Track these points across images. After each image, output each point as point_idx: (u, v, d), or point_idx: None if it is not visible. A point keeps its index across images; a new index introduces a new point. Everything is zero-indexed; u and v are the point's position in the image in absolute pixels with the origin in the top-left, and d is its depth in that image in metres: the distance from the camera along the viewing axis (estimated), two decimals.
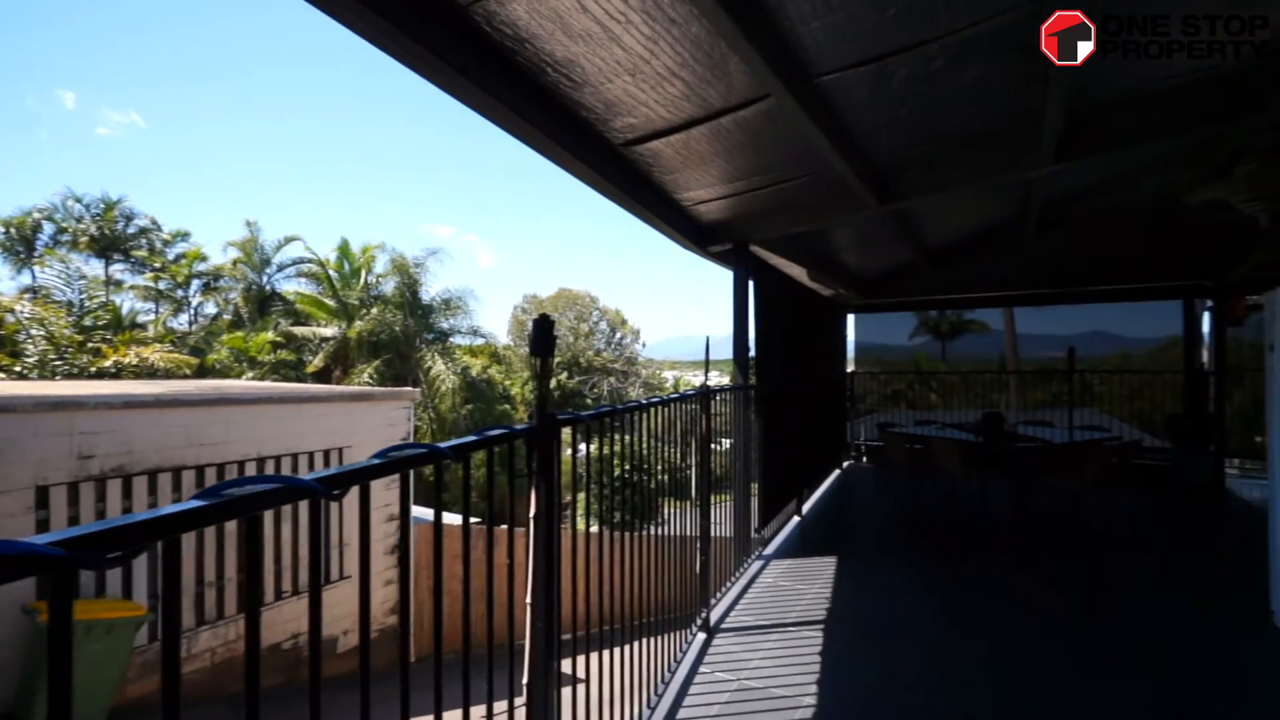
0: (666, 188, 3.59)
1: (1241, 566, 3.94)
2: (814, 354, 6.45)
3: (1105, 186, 4.47)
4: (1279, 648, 2.87)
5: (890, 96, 2.66)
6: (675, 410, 3.01)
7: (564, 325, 31.82)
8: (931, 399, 16.30)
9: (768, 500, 4.55)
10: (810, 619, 3.29)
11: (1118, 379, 9.63)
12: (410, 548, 1.05)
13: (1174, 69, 2.74)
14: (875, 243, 5.63)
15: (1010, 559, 4.26)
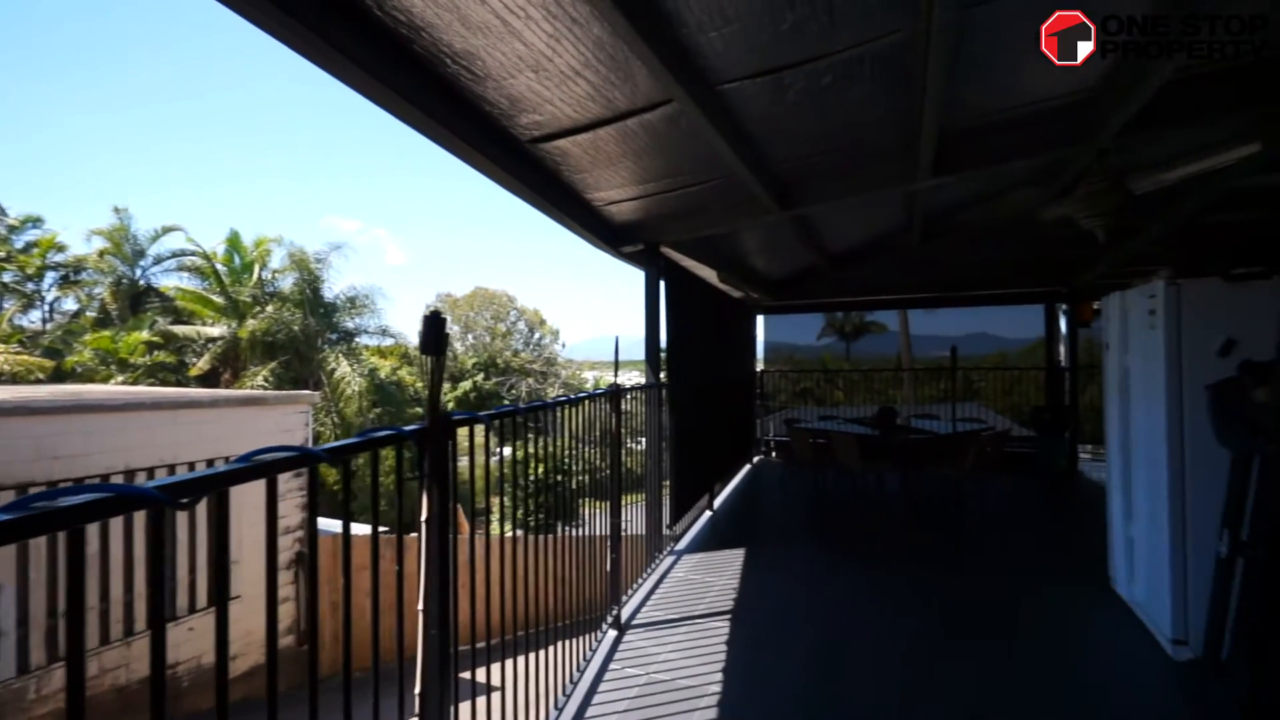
0: (576, 187, 3.59)
1: (1088, 539, 4.47)
2: (725, 353, 6.65)
3: (978, 200, 4.94)
4: (1114, 606, 3.29)
5: (787, 108, 2.80)
6: (587, 410, 3.02)
7: (480, 325, 30.95)
8: (837, 395, 17.27)
9: (680, 496, 4.65)
10: (718, 610, 3.40)
11: (994, 375, 10.64)
12: (304, 561, 0.99)
13: (1030, 96, 3.07)
14: (781, 247, 5.89)
15: (899, 542, 4.61)
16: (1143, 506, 3.02)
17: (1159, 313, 2.75)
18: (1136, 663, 2.79)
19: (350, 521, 1.18)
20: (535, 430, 2.55)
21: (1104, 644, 3.00)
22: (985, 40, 2.41)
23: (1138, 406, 3.06)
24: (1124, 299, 3.20)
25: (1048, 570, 3.97)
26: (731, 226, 4.40)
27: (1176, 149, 3.73)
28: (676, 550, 4.45)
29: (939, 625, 3.19)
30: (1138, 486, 3.08)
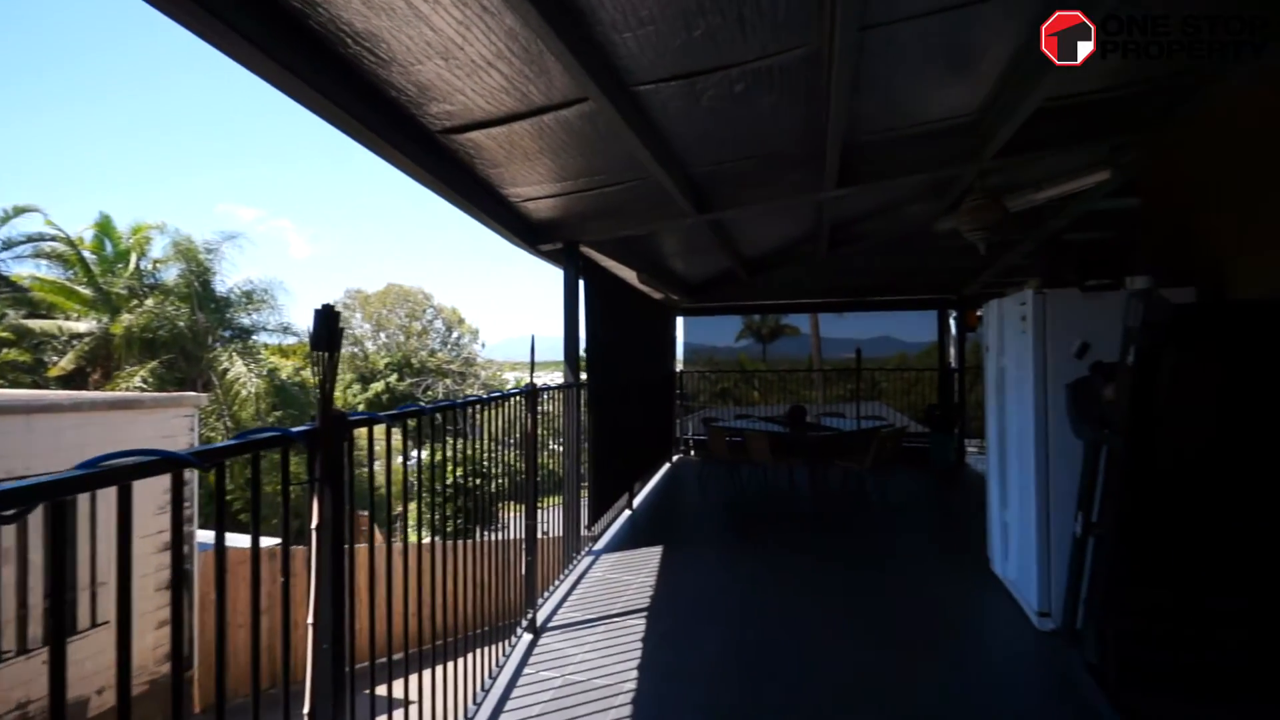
0: (492, 182, 3.50)
1: (971, 525, 4.88)
2: (645, 353, 6.72)
3: (878, 212, 5.27)
4: (992, 584, 3.61)
5: (702, 113, 2.86)
6: (506, 411, 2.95)
7: (394, 323, 29.54)
8: (753, 396, 17.81)
9: (599, 496, 4.65)
10: (636, 608, 3.42)
11: (894, 375, 11.40)
12: (187, 578, 0.89)
13: (923, 116, 3.31)
14: (699, 250, 6.03)
15: (806, 533, 4.83)
16: (1015, 494, 3.33)
17: (1029, 319, 3.05)
18: (1008, 634, 3.07)
19: (225, 533, 1.09)
20: (452, 432, 2.46)
21: (982, 618, 3.30)
22: (883, 62, 2.58)
23: (1012, 404, 3.38)
24: (1000, 306, 3.52)
25: (936, 554, 4.31)
26: (650, 228, 4.45)
27: (1044, 173, 4.16)
28: (595, 551, 4.44)
29: (841, 609, 3.37)
30: (1012, 476, 3.40)
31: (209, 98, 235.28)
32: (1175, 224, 3.26)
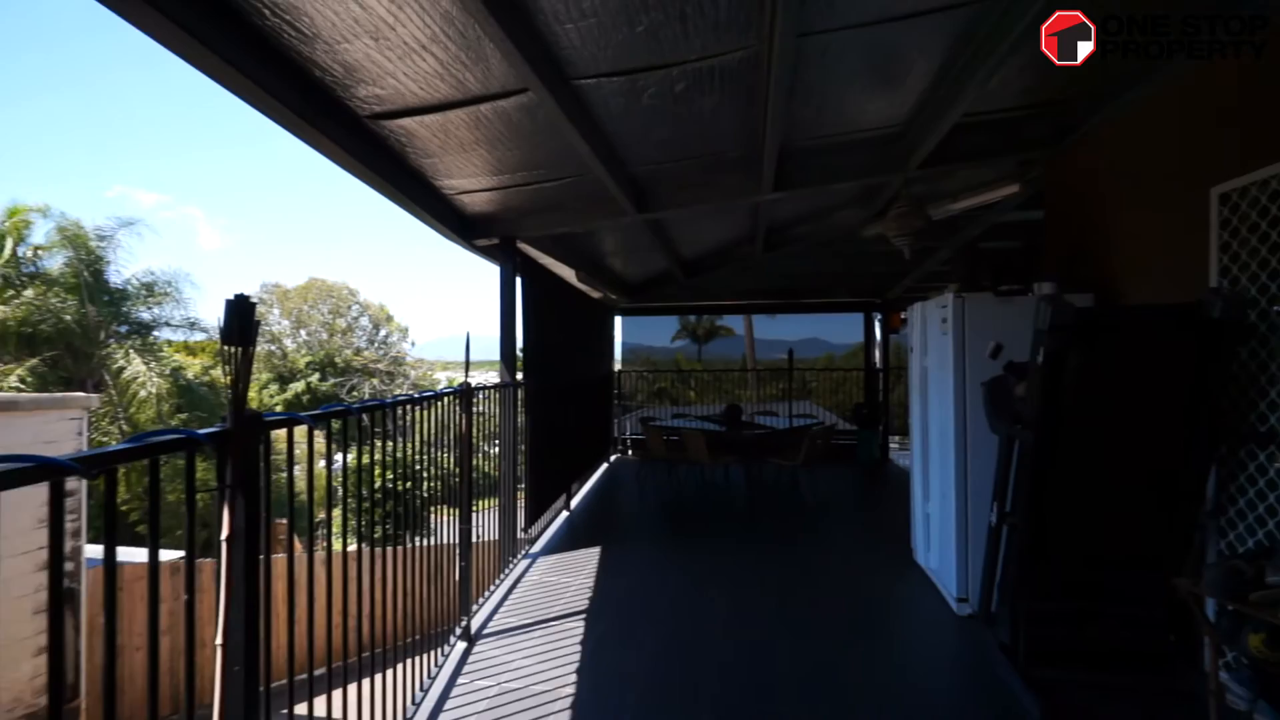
0: (425, 172, 3.35)
1: (895, 518, 5.13)
2: (583, 353, 6.66)
3: (812, 216, 5.46)
4: (915, 574, 3.80)
5: (643, 111, 2.85)
6: (439, 411, 2.82)
7: (316, 320, 27.98)
8: (690, 395, 18.04)
9: (536, 498, 4.56)
10: (573, 610, 3.36)
11: (823, 375, 11.84)
12: (73, 600, 0.77)
13: (855, 125, 3.43)
14: (638, 250, 6.03)
15: (741, 529, 4.93)
16: (937, 487, 3.52)
17: (949, 320, 3.23)
18: (930, 620, 3.24)
19: (116, 548, 0.97)
20: (381, 434, 2.33)
21: (906, 607, 3.46)
22: (818, 70, 2.65)
23: (934, 401, 3.57)
24: (924, 309, 3.71)
25: (864, 547, 4.50)
26: (590, 226, 4.41)
27: (961, 184, 4.42)
28: (532, 554, 4.34)
29: (776, 602, 3.46)
30: (934, 470, 3.59)
31: (101, 65, 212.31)
32: (1074, 235, 3.55)
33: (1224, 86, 2.46)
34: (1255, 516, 2.29)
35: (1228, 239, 2.43)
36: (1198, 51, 1.94)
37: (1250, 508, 2.32)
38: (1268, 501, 2.23)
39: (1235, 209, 2.40)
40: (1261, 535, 2.25)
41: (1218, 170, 2.45)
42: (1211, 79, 2.51)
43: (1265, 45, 1.75)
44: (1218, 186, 2.46)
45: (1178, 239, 2.67)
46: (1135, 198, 3.00)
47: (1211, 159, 2.49)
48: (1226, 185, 2.42)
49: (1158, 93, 2.79)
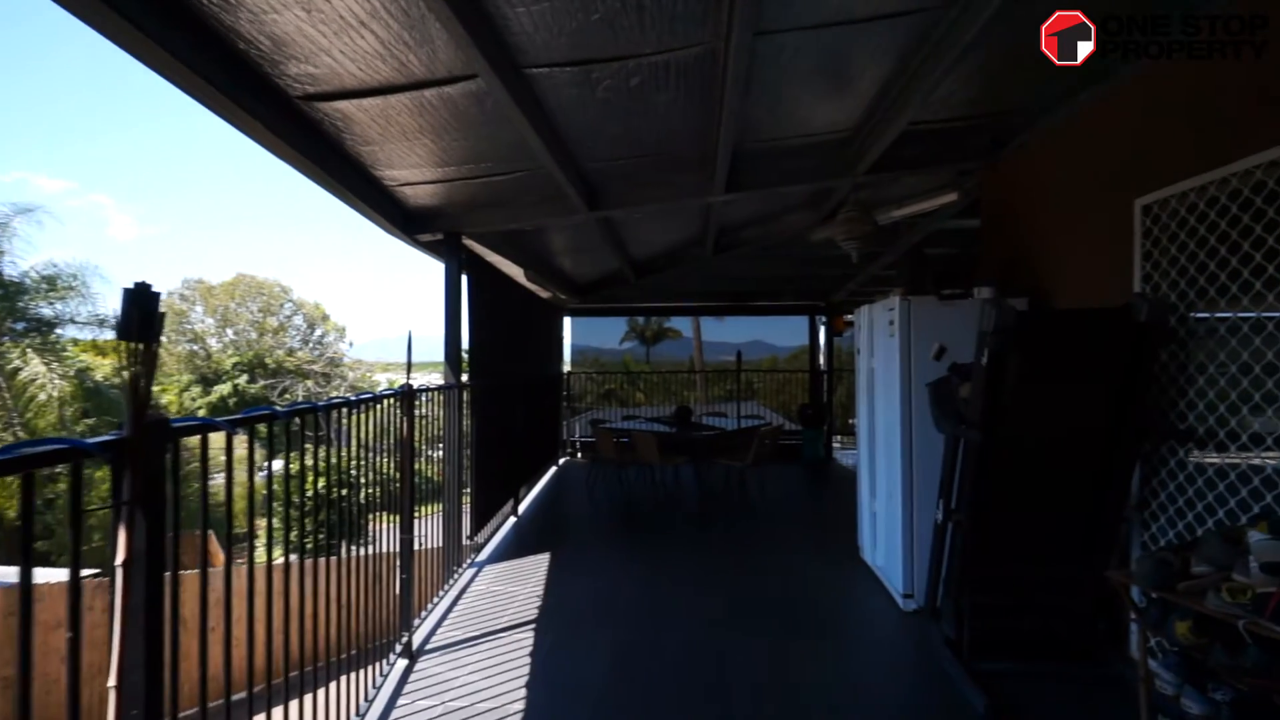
0: (364, 161, 3.16)
1: (842, 517, 5.25)
2: (531, 353, 6.50)
3: (761, 220, 5.52)
4: (862, 571, 3.88)
5: (597, 105, 2.78)
6: (374, 414, 2.65)
7: (244, 319, 26.42)
8: (638, 397, 18.06)
9: (483, 504, 4.39)
10: (522, 620, 3.24)
11: (769, 377, 12.06)
12: None
13: (807, 128, 3.47)
14: (588, 249, 5.94)
15: (692, 530, 4.91)
16: (883, 486, 3.60)
17: (896, 323, 3.30)
18: (877, 615, 3.30)
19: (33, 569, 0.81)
20: (314, 439, 2.16)
21: (854, 604, 3.51)
22: (773, 71, 2.65)
23: (880, 402, 3.64)
24: (871, 311, 3.79)
25: (812, 545, 4.55)
26: (540, 223, 4.29)
27: (905, 191, 4.57)
28: (478, 562, 4.18)
29: (727, 603, 3.44)
30: (880, 469, 3.67)
31: None
32: (1008, 242, 3.70)
33: (1147, 104, 2.61)
34: (1175, 509, 2.43)
35: (1150, 248, 2.57)
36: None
37: (1170, 501, 2.46)
38: (1186, 495, 2.37)
39: (1157, 220, 2.54)
40: (1181, 527, 2.39)
41: (1141, 183, 2.60)
42: (1135, 97, 2.66)
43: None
44: (1141, 198, 2.60)
45: (1105, 247, 2.81)
46: (1066, 207, 3.15)
47: (1135, 172, 2.63)
48: (1149, 197, 2.57)
49: (1087, 108, 2.94)
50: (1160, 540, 2.51)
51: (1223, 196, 2.22)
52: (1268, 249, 2.04)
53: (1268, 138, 2.02)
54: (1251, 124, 2.10)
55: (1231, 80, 2.19)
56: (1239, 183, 2.15)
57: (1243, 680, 1.72)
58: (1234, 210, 2.16)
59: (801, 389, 10.06)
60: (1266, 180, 2.05)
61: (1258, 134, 2.06)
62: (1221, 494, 2.20)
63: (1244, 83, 2.15)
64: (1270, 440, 2.05)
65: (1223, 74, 2.22)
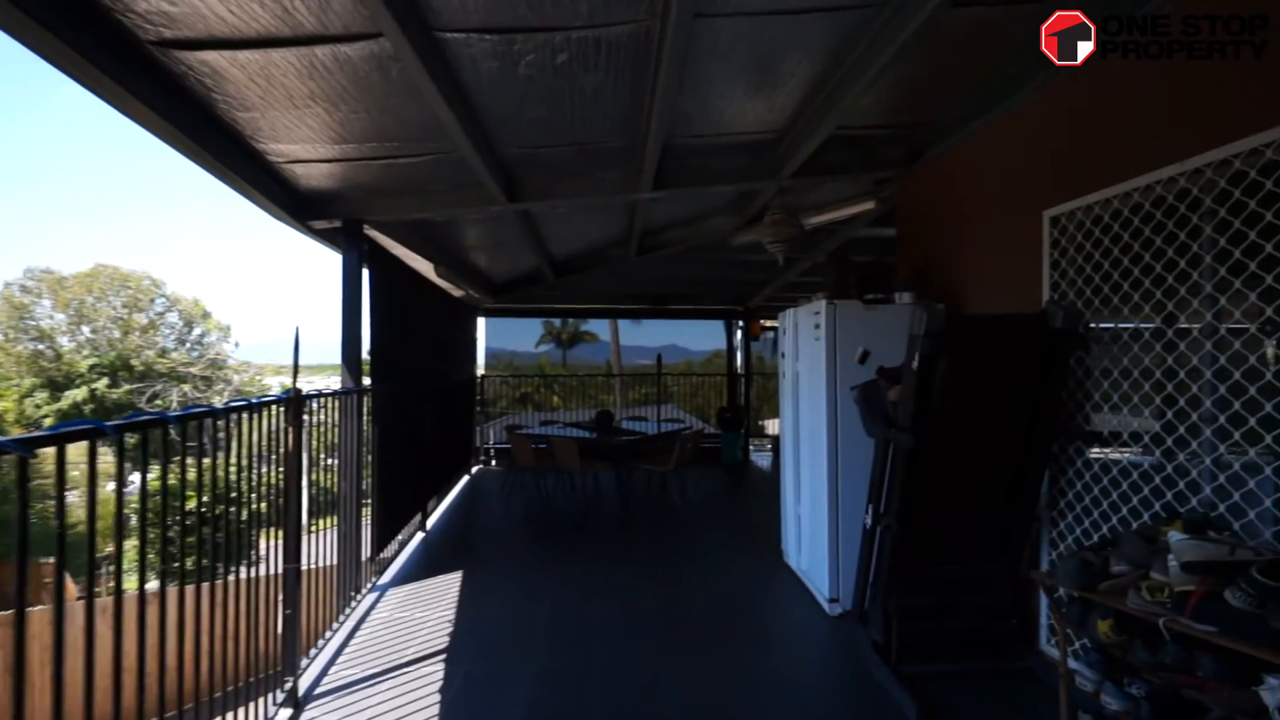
0: (243, 130, 2.73)
1: (763, 520, 5.26)
2: (442, 355, 6.08)
3: (685, 221, 5.45)
4: (787, 576, 3.86)
5: (519, 82, 2.54)
6: (256, 422, 2.26)
7: (105, 315, 23.38)
8: (554, 401, 17.67)
9: (386, 519, 3.98)
10: (433, 650, 2.92)
11: (686, 380, 12.13)
12: None
13: (737, 126, 3.39)
14: (506, 245, 5.62)
15: (615, 539, 4.72)
16: (808, 490, 3.59)
17: (822, 326, 3.30)
18: (805, 621, 3.27)
19: None
20: (186, 450, 1.77)
21: (780, 609, 3.47)
22: (708, 62, 2.54)
23: (805, 405, 3.64)
24: (796, 315, 3.78)
25: (736, 550, 4.50)
26: (453, 213, 3.97)
27: (826, 197, 4.64)
28: (381, 585, 3.77)
29: (654, 617, 3.29)
30: (805, 473, 3.66)
31: None
32: (923, 250, 3.83)
33: (1055, 118, 2.73)
34: (1081, 508, 2.54)
35: (1057, 257, 2.70)
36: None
37: (1077, 500, 2.57)
38: (1092, 494, 2.48)
39: (1064, 231, 2.66)
40: (1088, 524, 2.50)
41: (1050, 195, 2.72)
42: (1044, 110, 2.78)
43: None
44: (1049, 210, 2.72)
45: (1016, 256, 2.93)
46: (979, 217, 3.27)
47: (1044, 184, 2.75)
48: (1055, 209, 2.69)
49: (1000, 121, 3.05)
50: (1068, 538, 2.62)
51: (1125, 209, 2.34)
52: (1167, 260, 2.16)
53: (1165, 155, 2.15)
54: (1148, 141, 2.23)
55: (1126, 98, 2.32)
56: (1140, 196, 2.28)
57: (1161, 675, 1.77)
58: (1136, 222, 2.28)
59: (715, 392, 10.21)
60: (1166, 195, 2.17)
61: (1154, 151, 2.18)
62: (1125, 492, 2.31)
63: (1141, 100, 2.28)
64: (1171, 441, 2.17)
65: (1118, 91, 2.35)
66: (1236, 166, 1.93)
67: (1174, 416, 2.15)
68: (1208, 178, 2.03)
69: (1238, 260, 1.91)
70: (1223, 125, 1.94)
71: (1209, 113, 2.03)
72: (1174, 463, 2.15)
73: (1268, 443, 1.82)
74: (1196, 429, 2.08)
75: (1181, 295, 2.13)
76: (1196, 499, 2.07)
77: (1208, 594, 1.61)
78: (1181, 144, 2.08)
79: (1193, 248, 2.08)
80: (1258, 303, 1.89)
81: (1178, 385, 2.12)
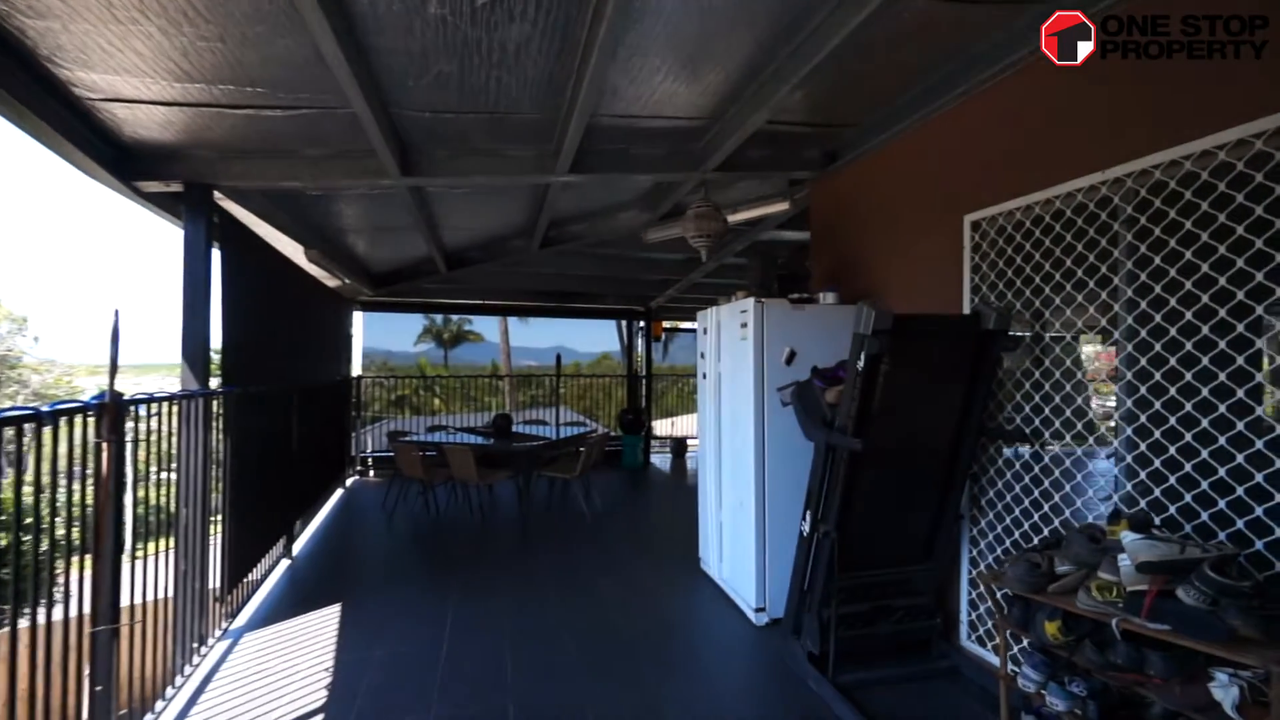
0: (35, 47, 2.05)
1: (677, 528, 5.11)
2: (311, 353, 5.30)
3: (595, 213, 5.16)
4: (706, 585, 3.70)
5: (427, 26, 2.13)
6: (58, 435, 1.64)
7: None
8: (435, 404, 16.54)
9: (240, 549, 3.29)
10: (305, 712, 2.39)
11: (573, 381, 11.83)
12: None
13: (665, 109, 3.17)
14: (393, 229, 5.00)
15: (521, 557, 4.31)
16: (731, 496, 3.46)
17: (750, 325, 3.17)
18: (732, 634, 3.11)
19: None
20: None
21: (705, 623, 3.29)
22: (642, 31, 2.28)
23: (728, 408, 3.50)
24: (718, 313, 3.64)
25: (652, 560, 4.25)
26: (333, 186, 3.38)
27: (739, 196, 4.58)
28: (235, 631, 3.10)
29: (569, 641, 2.96)
30: (727, 478, 3.52)
31: None
32: (838, 251, 3.86)
33: (973, 125, 2.80)
34: (1003, 505, 2.61)
35: (978, 261, 2.76)
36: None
37: (999, 497, 2.64)
38: (1014, 492, 2.55)
39: (984, 235, 2.73)
40: (1009, 522, 2.56)
41: (969, 200, 2.78)
42: (973, 113, 2.84)
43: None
44: (969, 214, 2.78)
45: (936, 260, 2.98)
46: (899, 220, 3.31)
47: (967, 188, 2.81)
48: (976, 214, 2.75)
49: (923, 125, 3.10)
50: (988, 536, 2.68)
51: (1047, 216, 2.42)
52: (1088, 265, 2.24)
53: (1082, 164, 2.23)
54: (1063, 150, 2.31)
55: (1046, 105, 2.40)
56: (1062, 203, 2.35)
57: (1109, 675, 1.78)
58: (1057, 228, 2.36)
59: (605, 394, 10.08)
60: (1088, 203, 2.25)
61: (1070, 160, 2.26)
62: (1047, 490, 2.38)
63: (1056, 108, 2.36)
64: (1092, 441, 2.25)
65: (1037, 99, 2.43)
66: (1157, 177, 2.02)
67: (1092, 419, 2.23)
68: (1128, 186, 2.12)
69: (1157, 266, 2.00)
70: (1141, 139, 2.04)
71: (1128, 125, 2.12)
72: (1094, 462, 2.23)
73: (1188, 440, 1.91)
74: (1117, 429, 2.16)
75: (1102, 299, 2.21)
76: (1117, 497, 2.15)
77: (1160, 593, 1.62)
78: (1105, 154, 2.16)
79: (1113, 254, 2.17)
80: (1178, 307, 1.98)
81: (1101, 385, 2.20)
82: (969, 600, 2.77)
